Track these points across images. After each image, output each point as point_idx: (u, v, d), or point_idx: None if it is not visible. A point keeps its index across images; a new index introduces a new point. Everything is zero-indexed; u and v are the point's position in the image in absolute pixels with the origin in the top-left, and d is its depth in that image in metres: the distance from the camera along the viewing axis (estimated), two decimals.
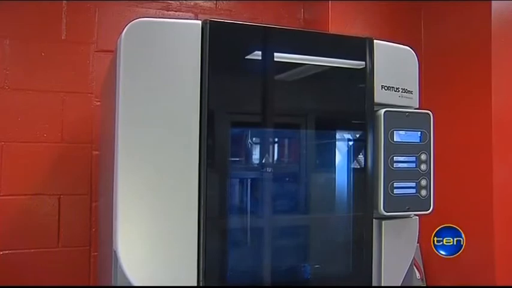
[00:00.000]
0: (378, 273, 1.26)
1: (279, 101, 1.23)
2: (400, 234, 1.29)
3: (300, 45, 1.25)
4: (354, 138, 1.28)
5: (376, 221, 1.26)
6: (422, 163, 1.28)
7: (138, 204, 1.05)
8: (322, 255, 1.30)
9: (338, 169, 1.30)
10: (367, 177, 1.24)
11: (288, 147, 1.39)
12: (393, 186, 1.24)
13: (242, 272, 1.20)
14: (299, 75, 1.24)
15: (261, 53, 1.21)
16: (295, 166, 1.36)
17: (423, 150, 1.28)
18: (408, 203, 1.27)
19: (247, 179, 1.28)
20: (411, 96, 1.32)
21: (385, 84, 1.28)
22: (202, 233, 1.07)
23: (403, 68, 1.33)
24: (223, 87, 1.14)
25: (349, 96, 1.28)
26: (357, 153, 1.27)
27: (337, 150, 1.30)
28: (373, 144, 1.25)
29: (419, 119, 1.29)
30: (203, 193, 1.08)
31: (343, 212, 1.29)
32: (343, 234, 1.29)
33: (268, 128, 1.26)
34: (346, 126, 1.30)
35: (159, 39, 1.08)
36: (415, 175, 1.27)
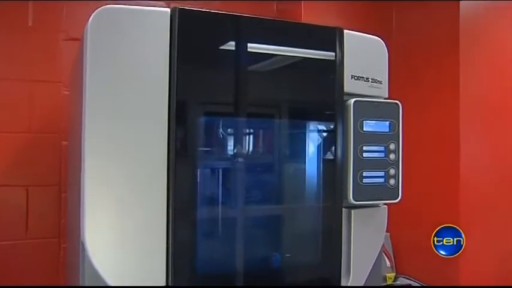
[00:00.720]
0: (347, 261, 1.27)
1: (250, 91, 1.22)
2: (369, 223, 1.31)
3: (271, 35, 1.24)
4: (324, 128, 1.29)
5: (345, 210, 1.27)
6: (391, 153, 1.30)
7: (105, 196, 1.03)
8: (293, 244, 1.31)
9: (308, 159, 1.30)
10: (336, 166, 1.25)
11: (259, 138, 1.39)
12: (362, 175, 1.26)
13: (212, 261, 1.20)
14: (270, 65, 1.24)
15: (231, 42, 1.20)
16: (266, 156, 1.36)
17: (392, 140, 1.30)
18: (377, 192, 1.28)
19: (219, 169, 1.28)
20: (381, 86, 1.33)
21: (355, 74, 1.29)
22: (171, 223, 1.07)
23: (373, 58, 1.34)
24: (193, 77, 1.12)
25: (319, 86, 1.29)
26: (326, 143, 1.28)
27: (307, 140, 1.31)
28: (343, 134, 1.26)
29: (388, 109, 1.31)
30: (172, 184, 1.07)
31: (313, 202, 1.30)
32: (313, 223, 1.30)
33: (239, 118, 1.26)
34: (316, 117, 1.30)
35: (127, 26, 1.06)
36: (384, 164, 1.29)
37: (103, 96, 1.03)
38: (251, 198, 1.30)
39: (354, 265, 1.27)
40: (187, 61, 1.10)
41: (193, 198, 1.15)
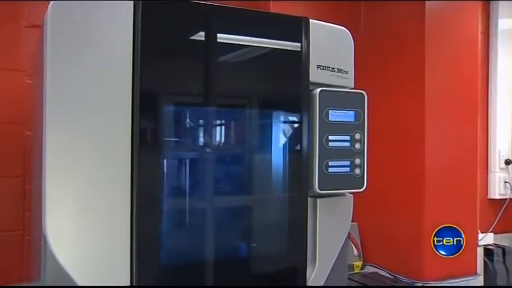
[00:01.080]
0: (312, 250, 1.29)
1: (217, 82, 1.21)
2: (334, 212, 1.32)
3: (237, 25, 1.24)
4: (290, 118, 1.29)
5: (311, 199, 1.28)
6: (357, 142, 1.31)
7: (68, 187, 1.01)
8: (259, 234, 1.31)
9: (275, 149, 1.30)
10: (302, 156, 1.26)
11: (226, 128, 1.37)
12: (328, 164, 1.27)
13: (177, 252, 1.19)
14: (236, 54, 1.24)
15: (197, 32, 1.19)
16: (233, 147, 1.35)
17: (357, 130, 1.31)
18: (342, 181, 1.30)
19: (185, 160, 1.27)
20: (347, 76, 1.34)
21: (320, 64, 1.29)
22: (135, 214, 1.06)
23: (339, 48, 1.35)
24: (158, 67, 1.11)
25: (285, 76, 1.29)
26: (292, 133, 1.28)
27: (273, 130, 1.31)
28: (309, 124, 1.26)
29: (354, 98, 1.32)
30: (136, 174, 1.06)
31: (279, 192, 1.30)
32: (279, 213, 1.30)
33: (206, 108, 1.25)
34: (282, 107, 1.30)
35: (88, 15, 1.04)
36: (350, 154, 1.30)
37: (64, 86, 1.01)
38: (218, 189, 1.29)
39: (320, 254, 1.29)
40: (151, 51, 1.08)
41: (158, 189, 1.14)
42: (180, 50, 1.17)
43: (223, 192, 1.30)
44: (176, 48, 1.16)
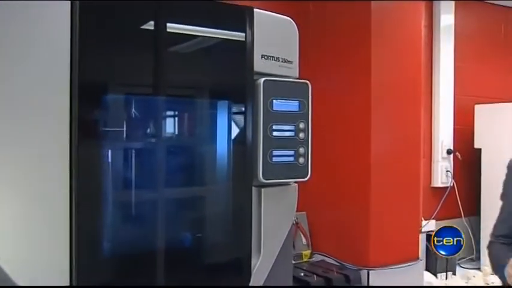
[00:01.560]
0: (257, 240, 1.29)
1: (160, 72, 1.20)
2: (279, 201, 1.32)
3: (179, 13, 1.21)
4: (234, 108, 1.28)
5: (255, 189, 1.28)
6: (301, 132, 1.32)
7: (2, 181, 0.98)
8: (203, 224, 1.31)
9: (219, 139, 1.29)
10: (246, 146, 1.25)
11: (170, 119, 1.36)
12: (272, 154, 1.27)
13: (120, 244, 1.17)
14: (180, 43, 1.22)
15: (137, 21, 1.16)
16: (177, 137, 1.33)
17: (301, 119, 1.32)
18: (287, 171, 1.30)
19: (128, 150, 1.24)
20: (291, 66, 1.35)
21: (265, 53, 1.29)
22: (74, 209, 1.02)
23: (284, 38, 1.35)
24: (97, 57, 1.08)
25: (229, 66, 1.28)
26: (237, 122, 1.27)
27: (218, 120, 1.29)
28: (253, 113, 1.26)
29: (298, 88, 1.32)
30: (75, 166, 1.03)
31: (223, 181, 1.29)
32: (224, 203, 1.29)
33: (149, 98, 1.23)
34: (226, 96, 1.29)
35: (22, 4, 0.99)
36: (294, 143, 1.31)
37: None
38: (162, 180, 1.27)
39: (264, 243, 1.29)
40: (90, 39, 1.05)
41: (100, 181, 1.11)
42: (121, 40, 1.13)
43: (167, 183, 1.27)
44: (117, 38, 1.13)
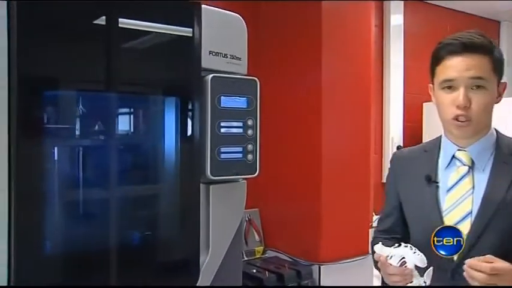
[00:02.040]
0: (206, 237, 1.28)
1: (105, 68, 1.18)
2: (227, 198, 1.32)
3: (125, 8, 1.19)
4: (181, 105, 1.27)
5: (203, 186, 1.28)
6: (249, 128, 1.32)
7: None
8: (151, 222, 1.29)
9: (167, 136, 1.28)
10: (194, 143, 1.25)
11: (117, 115, 1.33)
12: (220, 151, 1.27)
13: (61, 243, 1.14)
14: (125, 39, 1.19)
15: (80, 16, 1.13)
16: (124, 134, 1.31)
17: (250, 116, 1.32)
18: (235, 167, 1.30)
19: (72, 148, 1.21)
20: (240, 63, 1.35)
21: (213, 50, 1.28)
22: (13, 206, 0.99)
23: (232, 35, 1.34)
24: (37, 52, 1.05)
25: (176, 62, 1.26)
26: (184, 119, 1.26)
27: (165, 117, 1.28)
28: (200, 110, 1.25)
29: (246, 85, 1.32)
30: (14, 164, 1.00)
31: (171, 178, 1.28)
32: (171, 200, 1.28)
33: (98, 94, 1.21)
34: (173, 93, 1.28)
35: None
36: (242, 140, 1.31)
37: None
38: (108, 178, 1.25)
39: (213, 240, 1.29)
40: (29, 34, 1.02)
41: (40, 178, 1.08)
42: (63, 36, 1.11)
43: (114, 182, 1.25)
44: (58, 34, 1.10)
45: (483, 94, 1.11)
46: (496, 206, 1.11)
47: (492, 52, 1.13)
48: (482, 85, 1.11)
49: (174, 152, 1.26)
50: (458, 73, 1.11)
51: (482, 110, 1.12)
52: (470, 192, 1.15)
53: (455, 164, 1.18)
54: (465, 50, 1.11)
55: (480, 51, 1.12)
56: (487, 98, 1.12)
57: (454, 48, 1.12)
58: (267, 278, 1.99)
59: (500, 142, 1.19)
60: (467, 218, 1.13)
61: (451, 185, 1.17)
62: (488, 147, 1.18)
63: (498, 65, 1.14)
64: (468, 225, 1.12)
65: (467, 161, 1.17)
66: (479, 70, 1.11)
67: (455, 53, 1.12)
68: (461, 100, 1.10)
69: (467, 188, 1.15)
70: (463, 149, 1.18)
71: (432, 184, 1.19)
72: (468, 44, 1.12)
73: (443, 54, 1.14)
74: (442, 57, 1.14)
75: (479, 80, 1.11)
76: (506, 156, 1.16)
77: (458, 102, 1.10)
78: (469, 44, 1.11)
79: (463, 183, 1.16)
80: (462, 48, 1.12)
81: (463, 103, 1.10)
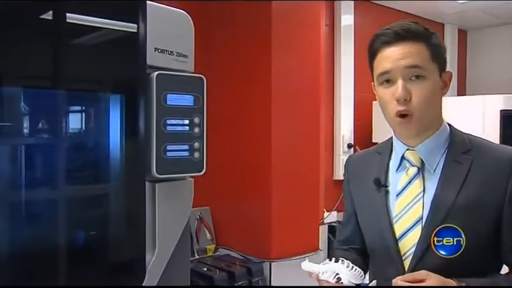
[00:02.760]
0: (152, 236, 1.27)
1: (48, 64, 1.14)
2: (174, 196, 1.31)
3: (68, 3, 1.16)
4: (126, 102, 1.25)
5: (149, 184, 1.26)
6: (196, 126, 1.31)
7: None
8: (97, 221, 1.26)
9: (111, 134, 1.25)
10: (139, 140, 1.23)
11: (60, 113, 1.29)
12: (166, 149, 1.25)
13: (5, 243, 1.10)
14: (67, 34, 1.16)
15: (20, 10, 1.09)
16: (67, 133, 1.27)
17: (196, 114, 1.31)
18: (181, 165, 1.29)
19: (16, 146, 1.17)
20: (186, 60, 1.34)
21: (158, 46, 1.27)
22: None
23: (178, 32, 1.33)
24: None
25: (120, 58, 1.24)
26: (129, 117, 1.24)
27: (110, 114, 1.26)
28: (146, 108, 1.23)
29: (192, 82, 1.31)
30: None
31: (116, 177, 1.26)
32: (117, 199, 1.26)
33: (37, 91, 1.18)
34: (118, 90, 1.25)
35: None
36: (189, 138, 1.30)
37: None
38: (51, 177, 1.21)
39: (159, 239, 1.27)
40: None
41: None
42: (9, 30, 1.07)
43: (58, 181, 1.22)
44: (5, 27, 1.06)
45: (423, 85, 1.02)
46: (446, 211, 1.01)
47: (429, 39, 1.04)
48: (422, 74, 1.02)
49: (119, 151, 1.24)
50: (393, 63, 1.02)
51: (425, 102, 1.02)
52: (421, 196, 1.06)
53: (405, 165, 1.09)
54: (399, 38, 1.03)
55: (415, 38, 1.03)
56: (428, 89, 1.02)
57: (387, 39, 1.04)
58: (218, 276, 1.99)
59: (453, 139, 1.08)
60: (418, 224, 1.04)
61: (401, 188, 1.08)
62: (440, 145, 1.08)
63: (437, 52, 1.05)
64: (419, 232, 1.03)
65: (416, 161, 1.08)
66: (415, 58, 1.02)
67: (389, 43, 1.04)
68: (400, 92, 1.01)
69: (417, 191, 1.06)
70: (412, 149, 1.08)
71: (381, 188, 1.10)
72: (401, 32, 1.03)
73: (377, 46, 1.06)
74: (377, 50, 1.06)
75: (416, 69, 1.02)
76: (459, 155, 1.06)
77: (397, 95, 1.01)
78: (402, 32, 1.03)
79: (413, 186, 1.07)
80: (395, 37, 1.03)
81: (402, 95, 1.00)
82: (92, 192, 1.27)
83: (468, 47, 3.93)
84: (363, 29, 3.26)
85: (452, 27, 3.75)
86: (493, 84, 3.55)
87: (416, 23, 1.06)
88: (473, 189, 1.02)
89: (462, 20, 3.62)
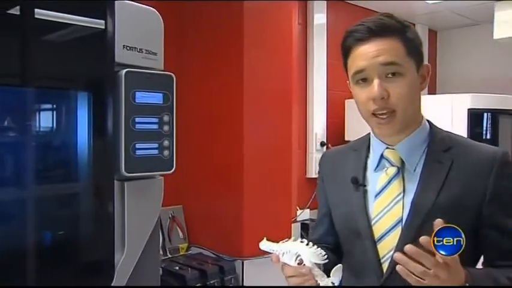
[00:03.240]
0: (121, 235, 1.26)
1: (12, 60, 1.12)
2: (143, 195, 1.30)
3: None
4: (94, 100, 1.23)
5: (118, 182, 1.25)
6: (165, 124, 1.30)
7: None
8: (65, 221, 1.25)
9: (79, 132, 1.24)
10: (107, 139, 1.21)
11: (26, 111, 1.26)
12: (135, 147, 1.24)
13: None
14: (32, 29, 1.14)
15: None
16: (34, 131, 1.25)
17: (166, 112, 1.31)
18: (151, 164, 1.28)
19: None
20: (156, 58, 1.33)
21: (127, 44, 1.26)
22: None
23: (147, 29, 1.32)
24: None
25: (88, 56, 1.23)
26: (97, 115, 1.22)
27: (78, 112, 1.24)
28: (114, 106, 1.22)
29: (162, 80, 1.31)
30: None
31: (84, 176, 1.24)
32: (85, 198, 1.25)
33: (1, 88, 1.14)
34: (86, 87, 1.24)
35: None
36: (158, 136, 1.29)
37: None
38: (17, 176, 1.19)
39: (128, 239, 1.26)
40: None
41: None
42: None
43: (24, 180, 1.19)
44: None
45: (401, 82, 0.98)
46: (426, 212, 0.98)
47: (404, 33, 1.00)
48: (398, 71, 0.98)
49: (87, 149, 1.22)
50: (368, 61, 0.98)
51: (404, 100, 0.98)
52: (401, 197, 1.02)
53: (385, 165, 1.05)
54: (372, 34, 0.98)
55: (389, 33, 0.99)
56: (406, 86, 0.98)
57: (360, 35, 0.99)
58: (190, 275, 1.98)
59: (433, 137, 1.05)
60: (398, 226, 1.01)
61: (380, 189, 1.04)
62: (420, 143, 1.04)
63: (413, 47, 1.01)
64: (397, 235, 1.00)
65: (396, 161, 1.04)
66: (391, 55, 0.97)
67: (362, 40, 0.99)
68: (377, 91, 0.97)
69: (397, 192, 1.03)
70: (391, 148, 1.05)
71: (360, 188, 1.06)
72: (375, 28, 0.98)
73: (351, 44, 1.02)
74: (350, 47, 1.02)
75: (393, 66, 0.98)
76: (440, 154, 1.03)
77: (373, 94, 0.97)
78: (375, 28, 0.98)
79: (392, 186, 1.03)
80: (369, 34, 0.99)
81: (378, 94, 0.97)
82: (60, 192, 1.25)
83: (438, 47, 4.00)
84: (336, 27, 3.28)
85: (423, 27, 3.81)
86: (463, 83, 3.62)
87: (390, 17, 1.02)
88: (454, 190, 1.00)
89: (432, 20, 3.68)
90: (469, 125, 2.57)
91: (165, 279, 1.98)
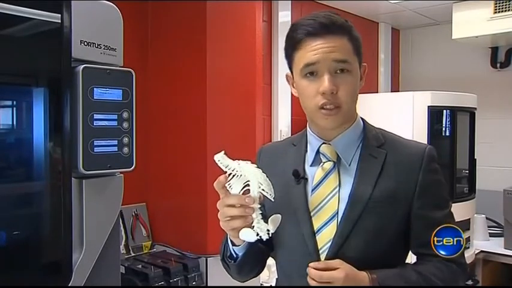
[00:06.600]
0: (79, 234, 1.24)
1: None
2: (102, 193, 1.28)
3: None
4: (51, 96, 1.21)
5: (76, 180, 1.23)
6: (125, 121, 1.29)
7: None
8: (21, 220, 1.21)
9: (35, 129, 1.21)
10: (64, 136, 1.19)
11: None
12: (93, 144, 1.22)
13: None
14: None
15: None
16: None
17: (125, 108, 1.29)
18: (110, 161, 1.27)
19: None
20: (115, 54, 1.31)
21: (85, 39, 1.23)
22: None
23: (106, 24, 1.30)
24: None
25: (44, 51, 1.20)
26: (54, 111, 1.20)
27: (34, 109, 1.21)
28: (71, 102, 1.20)
29: (121, 77, 1.29)
30: None
31: (41, 174, 1.22)
32: (42, 196, 1.22)
33: None
34: (42, 83, 1.21)
35: None
36: (117, 133, 1.28)
37: None
38: None
39: (87, 238, 1.24)
40: None
41: None
42: None
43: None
44: None
45: (348, 79, 1.03)
46: (363, 205, 1.03)
47: (350, 32, 1.05)
48: (347, 68, 1.02)
49: (44, 146, 1.19)
50: (321, 55, 1.01)
51: (350, 96, 1.03)
52: (336, 191, 1.06)
53: (321, 159, 1.09)
54: (325, 30, 1.01)
55: (340, 31, 1.03)
56: (352, 83, 1.04)
57: (313, 30, 1.02)
58: (153, 273, 1.96)
59: (367, 133, 1.10)
60: (333, 219, 1.05)
61: (316, 183, 1.08)
62: (355, 139, 1.09)
63: (358, 47, 1.06)
64: (334, 227, 1.04)
65: (332, 156, 1.08)
66: (342, 52, 1.02)
67: (315, 34, 1.02)
68: (327, 86, 1.00)
69: (333, 186, 1.06)
70: (327, 143, 1.09)
71: (301, 181, 1.09)
72: (328, 24, 1.02)
73: (302, 37, 1.03)
74: (300, 40, 1.03)
75: (343, 64, 1.02)
76: (374, 149, 1.08)
77: (323, 88, 1.00)
78: (329, 24, 1.02)
79: (328, 181, 1.07)
80: (322, 29, 1.01)
81: (329, 89, 1.00)
82: (16, 190, 1.22)
83: (401, 46, 4.07)
84: None
85: (386, 26, 3.87)
86: (424, 82, 3.70)
87: (336, 14, 1.05)
88: (388, 183, 1.05)
89: (395, 20, 3.75)
90: (429, 122, 2.63)
91: (128, 278, 1.95)
